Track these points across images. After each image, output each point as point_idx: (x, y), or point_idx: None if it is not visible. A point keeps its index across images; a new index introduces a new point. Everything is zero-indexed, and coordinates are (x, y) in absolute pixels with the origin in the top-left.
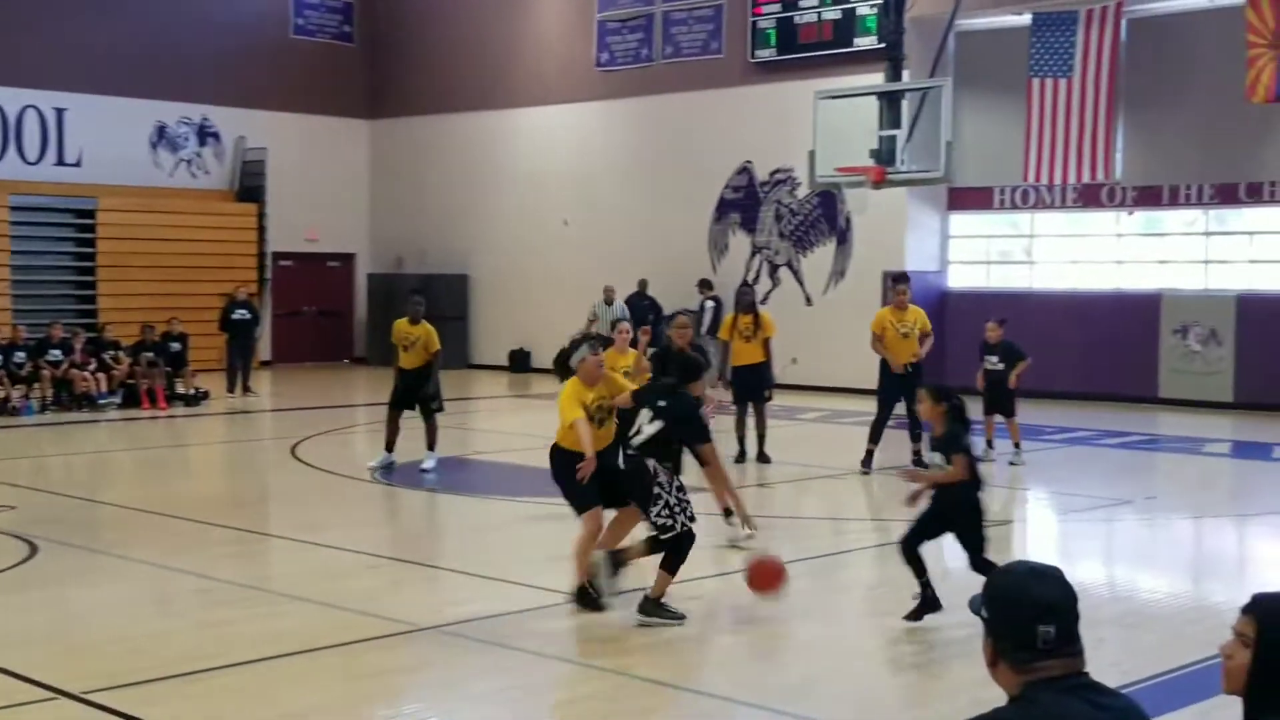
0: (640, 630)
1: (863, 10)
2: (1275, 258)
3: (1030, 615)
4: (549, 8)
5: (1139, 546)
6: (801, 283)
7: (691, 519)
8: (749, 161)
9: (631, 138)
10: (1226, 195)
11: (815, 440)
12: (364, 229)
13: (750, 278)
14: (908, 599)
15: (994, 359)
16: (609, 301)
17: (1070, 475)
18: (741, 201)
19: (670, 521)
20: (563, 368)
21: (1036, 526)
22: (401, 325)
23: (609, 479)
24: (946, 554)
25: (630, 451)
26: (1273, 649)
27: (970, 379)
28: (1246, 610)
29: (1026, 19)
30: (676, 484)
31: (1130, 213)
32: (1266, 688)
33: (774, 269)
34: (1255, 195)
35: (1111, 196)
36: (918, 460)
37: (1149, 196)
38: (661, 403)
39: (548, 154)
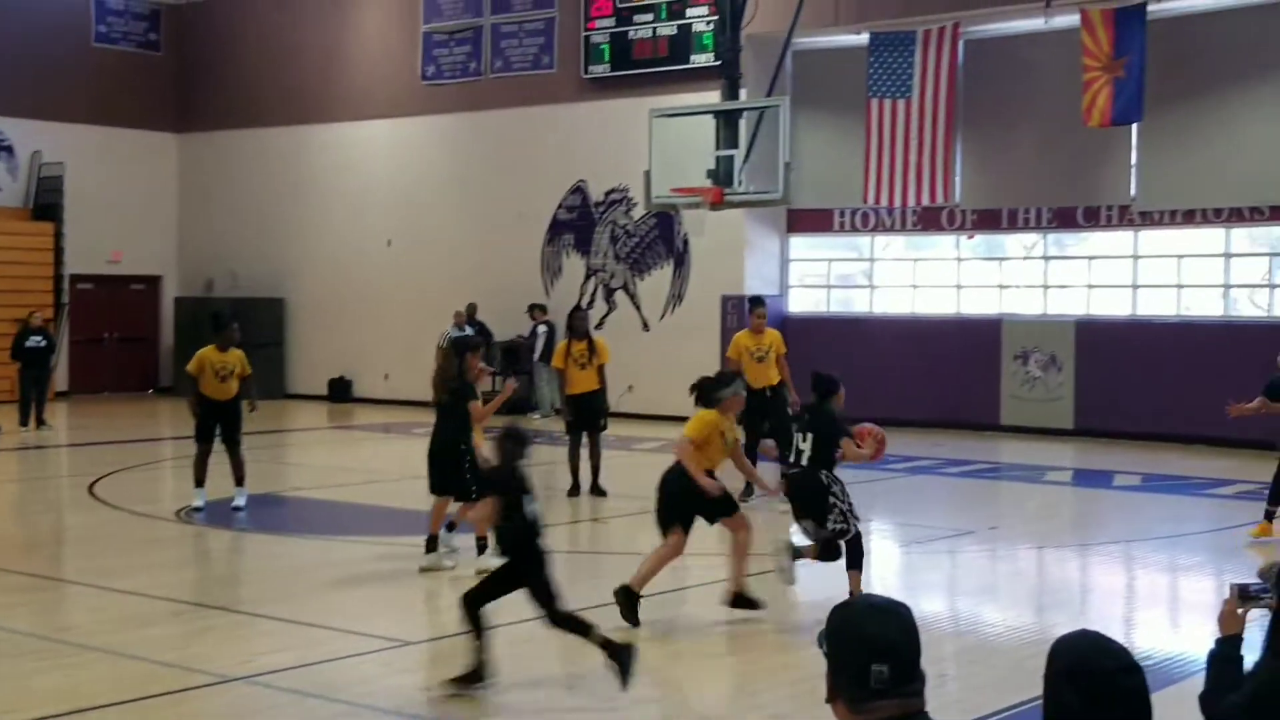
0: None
1: (699, 27)
2: (1113, 282)
3: (865, 653)
4: (371, 18)
5: (981, 578)
6: (638, 307)
7: (858, 519)
8: (583, 181)
9: (460, 155)
10: (1065, 219)
11: (652, 471)
12: (172, 250)
13: (585, 302)
14: (749, 636)
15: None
16: (460, 326)
17: (912, 505)
18: (575, 222)
19: (845, 525)
20: (707, 398)
21: (878, 559)
22: (210, 353)
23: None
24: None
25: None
26: None
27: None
28: None
29: (864, 39)
30: (841, 488)
31: (970, 236)
32: None
33: (610, 292)
34: (1093, 219)
35: (951, 220)
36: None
37: (988, 220)
38: (807, 416)
39: (370, 171)
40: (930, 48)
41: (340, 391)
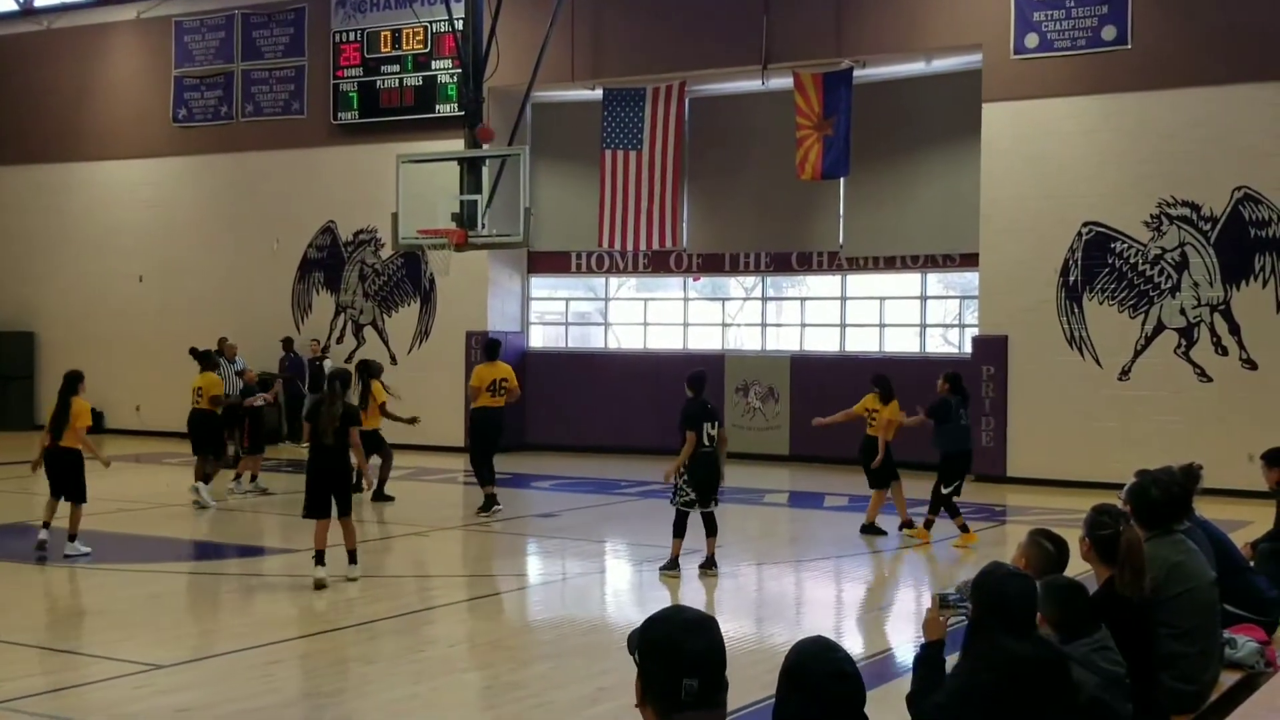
0: (211, 703)
1: (444, 78)
2: (824, 321)
3: (677, 667)
4: (124, 60)
5: (706, 594)
6: (386, 342)
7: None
8: (332, 221)
9: (212, 195)
10: (781, 263)
11: (404, 498)
12: None
13: (335, 337)
14: (488, 653)
15: None
16: (232, 360)
17: (643, 527)
18: (325, 261)
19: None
20: None
21: (614, 577)
22: None
23: None
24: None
25: None
26: None
27: (547, 434)
28: None
29: (598, 94)
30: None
31: (696, 278)
32: None
33: (359, 328)
34: (806, 264)
35: (679, 262)
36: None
37: (712, 263)
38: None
39: (123, 209)
40: (659, 104)
41: (93, 423)
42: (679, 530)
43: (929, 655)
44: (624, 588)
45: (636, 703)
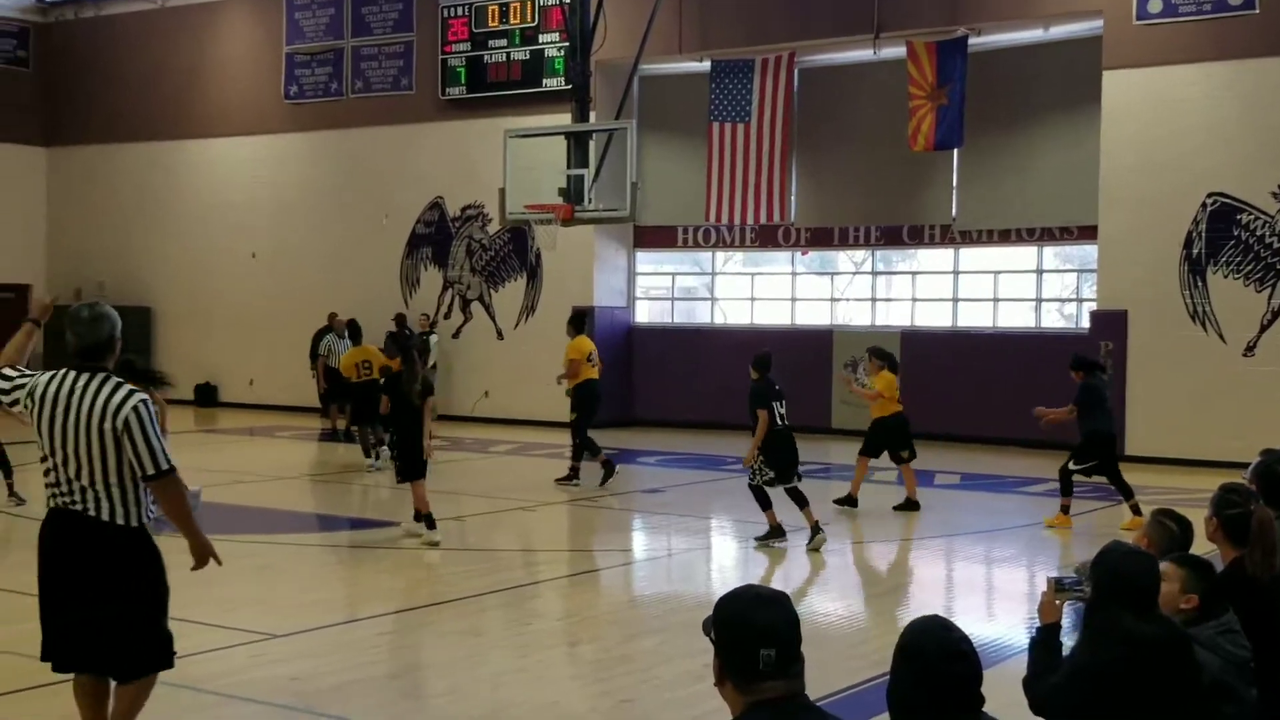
0: (323, 672)
1: (551, 52)
2: (935, 296)
3: (752, 639)
4: (235, 38)
5: (813, 571)
6: (493, 317)
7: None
8: (440, 197)
9: (322, 171)
10: (891, 237)
11: (509, 472)
12: (40, 259)
13: (443, 312)
14: (595, 627)
15: None
16: (341, 334)
17: (750, 504)
18: (433, 236)
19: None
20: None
21: (720, 554)
22: None
23: None
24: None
25: None
26: None
27: (653, 409)
28: None
29: (706, 66)
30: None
31: (804, 253)
32: None
33: (466, 303)
34: (917, 238)
35: (787, 237)
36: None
37: (821, 237)
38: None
39: (235, 186)
40: (768, 75)
41: (207, 396)
42: (765, 502)
43: (1045, 638)
44: (729, 564)
45: (715, 682)
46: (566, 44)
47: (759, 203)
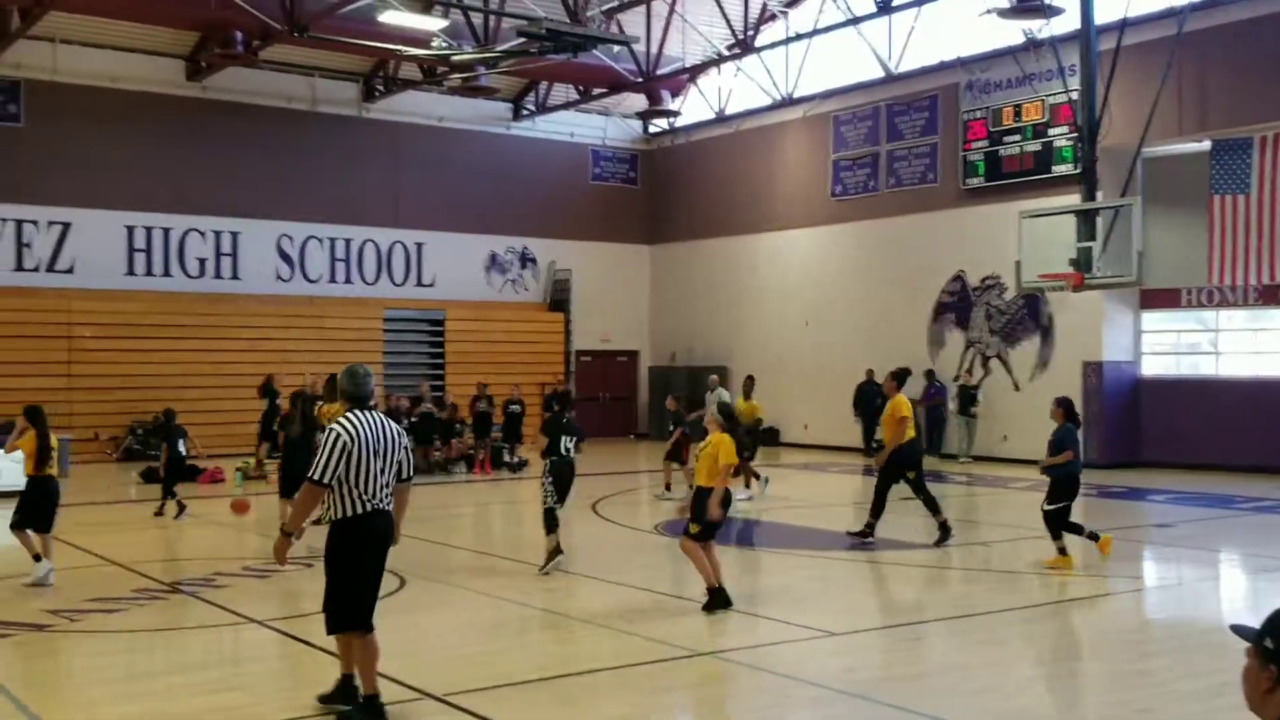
0: (868, 666)
1: (1059, 142)
2: None
3: None
4: (792, 150)
5: None
6: (1009, 371)
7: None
8: (962, 270)
9: (861, 253)
10: None
11: (1021, 507)
12: (645, 331)
13: (964, 369)
14: (1111, 645)
15: None
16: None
17: (1260, 539)
18: (956, 304)
19: None
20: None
21: (1230, 584)
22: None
23: None
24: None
25: None
26: None
27: (1161, 452)
28: None
29: (1206, 145)
30: None
31: None
32: None
33: (985, 360)
34: None
35: None
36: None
37: None
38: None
39: (793, 267)
40: (1267, 150)
41: (770, 437)
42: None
43: None
44: (1239, 594)
45: (1265, 691)
46: (1074, 135)
47: (1261, 264)
